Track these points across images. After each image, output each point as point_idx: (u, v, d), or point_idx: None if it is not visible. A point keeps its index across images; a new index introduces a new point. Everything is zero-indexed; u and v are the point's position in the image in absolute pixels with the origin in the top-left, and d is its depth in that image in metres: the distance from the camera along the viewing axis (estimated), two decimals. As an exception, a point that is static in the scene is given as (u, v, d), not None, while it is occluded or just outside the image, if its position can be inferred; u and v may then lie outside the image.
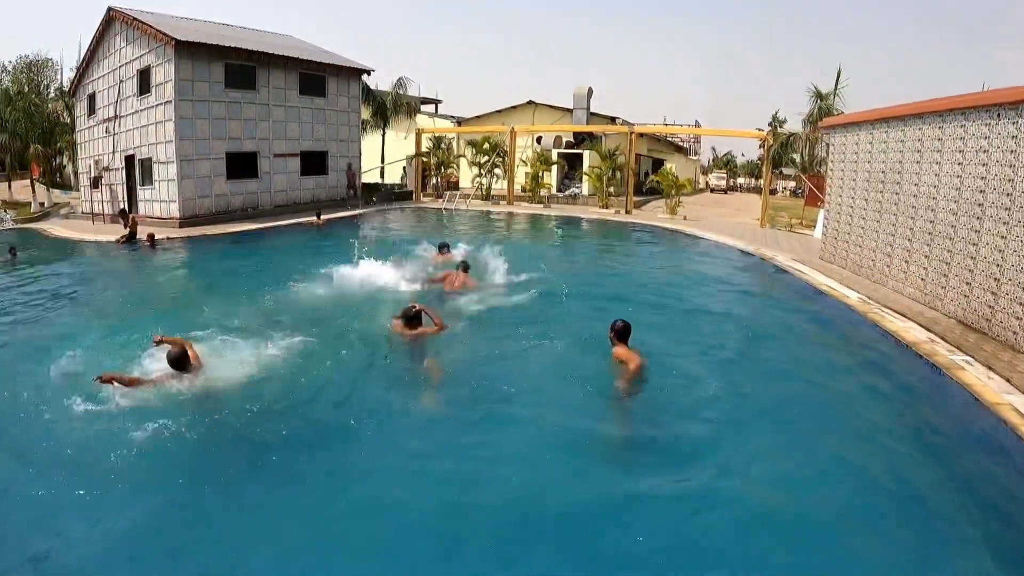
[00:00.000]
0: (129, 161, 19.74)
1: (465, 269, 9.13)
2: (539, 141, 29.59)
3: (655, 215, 21.44)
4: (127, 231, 15.30)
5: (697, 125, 46.03)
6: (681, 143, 46.70)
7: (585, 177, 26.75)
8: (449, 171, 28.39)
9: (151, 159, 18.55)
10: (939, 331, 7.47)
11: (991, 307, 7.38)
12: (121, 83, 19.64)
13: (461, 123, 33.45)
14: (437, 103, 38.85)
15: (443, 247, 11.31)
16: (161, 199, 18.42)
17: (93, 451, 4.48)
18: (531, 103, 30.95)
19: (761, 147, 53.76)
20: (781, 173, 44.15)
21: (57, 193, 29.13)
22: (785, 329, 8.07)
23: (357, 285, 9.45)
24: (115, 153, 20.30)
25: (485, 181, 25.97)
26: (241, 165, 19.42)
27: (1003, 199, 7.30)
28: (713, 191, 48.55)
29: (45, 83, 33.25)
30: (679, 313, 8.47)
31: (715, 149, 70.97)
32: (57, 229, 18.73)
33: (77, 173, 26.65)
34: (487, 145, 25.35)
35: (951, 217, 8.30)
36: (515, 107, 31.13)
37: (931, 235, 8.73)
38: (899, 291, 9.44)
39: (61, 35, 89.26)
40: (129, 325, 7.66)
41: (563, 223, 19.50)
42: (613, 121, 30.44)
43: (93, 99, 21.68)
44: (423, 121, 31.21)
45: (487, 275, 9.60)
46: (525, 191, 25.65)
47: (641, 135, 24.03)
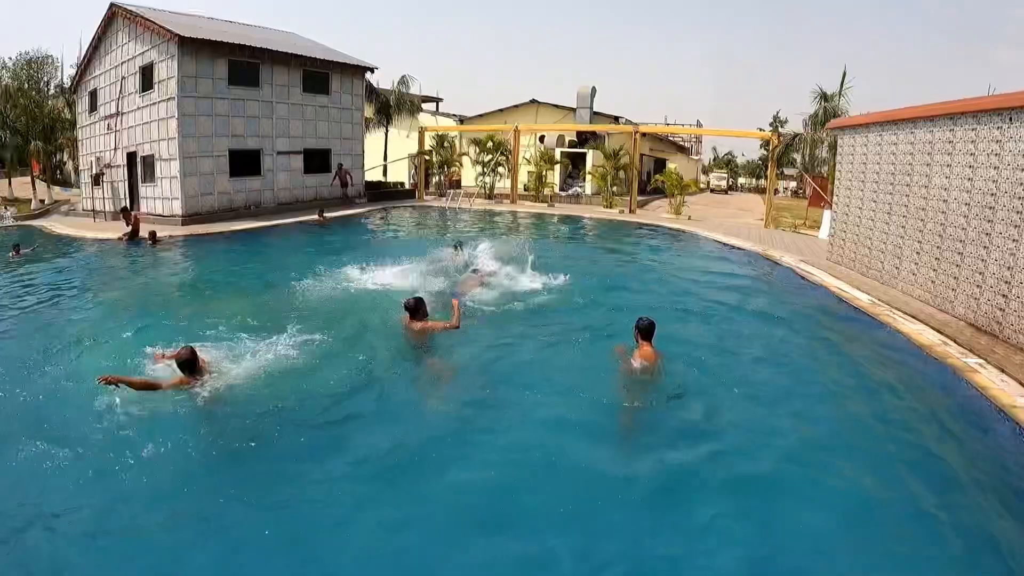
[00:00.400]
0: (131, 158, 19.64)
1: (458, 249, 9.83)
2: (542, 140, 29.56)
3: (659, 215, 21.42)
4: (129, 229, 15.22)
5: (698, 125, 46.00)
6: (683, 143, 46.67)
7: (589, 176, 26.72)
8: (452, 170, 28.33)
9: (153, 156, 18.47)
10: (950, 333, 7.47)
11: (1002, 310, 7.38)
12: (123, 80, 19.54)
13: (463, 121, 33.40)
14: (438, 101, 38.78)
15: (458, 246, 11.43)
16: (163, 196, 18.34)
17: (99, 452, 4.44)
18: (534, 102, 30.93)
19: (762, 147, 53.84)
20: (782, 173, 44.22)
21: (57, 190, 29.05)
22: (798, 330, 8.06)
23: (364, 283, 9.45)
24: (117, 150, 20.21)
25: (488, 180, 25.93)
26: (244, 163, 19.34)
27: (1015, 202, 7.29)
28: (713, 191, 47.87)
29: (45, 80, 33.11)
30: (694, 314, 8.44)
31: (716, 149, 71.06)
32: (58, 226, 18.63)
33: (78, 170, 26.56)
34: (491, 144, 25.30)
35: (962, 220, 8.29)
36: (518, 106, 31.12)
37: (941, 237, 8.72)
38: (908, 293, 9.43)
39: (61, 32, 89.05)
40: (132, 324, 7.61)
41: (569, 222, 19.47)
42: (616, 120, 30.44)
43: (95, 96, 21.58)
44: (425, 119, 31.14)
45: (500, 274, 9.63)
46: (528, 190, 25.63)
47: (643, 135, 23.98)
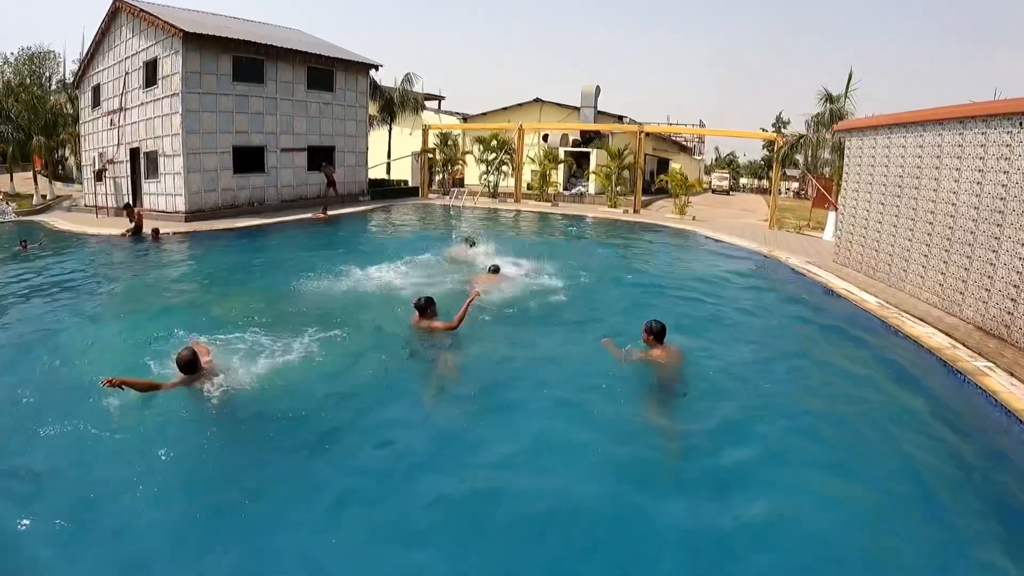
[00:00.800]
0: (134, 154, 19.61)
1: (495, 271, 9.21)
2: (545, 139, 29.54)
3: (663, 215, 21.41)
4: (132, 225, 15.20)
5: (701, 125, 45.98)
6: (685, 143, 46.64)
7: (593, 176, 26.70)
8: (456, 168, 28.30)
9: (157, 152, 18.43)
10: (959, 337, 7.47)
11: (1010, 313, 7.38)
12: (127, 75, 19.50)
13: (467, 120, 33.36)
14: (440, 99, 38.75)
15: (469, 242, 11.57)
16: (166, 193, 18.31)
17: (103, 454, 4.41)
18: (538, 101, 30.91)
19: (765, 148, 53.81)
20: (784, 174, 44.14)
21: (59, 186, 28.97)
22: (807, 332, 8.08)
23: (368, 281, 9.45)
24: (120, 146, 20.17)
25: (492, 179, 25.91)
26: (248, 159, 19.32)
27: (1025, 206, 7.29)
28: (715, 191, 47.00)
29: (47, 75, 33.01)
30: (703, 315, 8.45)
31: (718, 149, 71.13)
32: (60, 222, 18.57)
33: (80, 166, 26.50)
34: (495, 142, 25.28)
35: (970, 224, 8.28)
36: (521, 104, 31.09)
37: (950, 241, 8.72)
38: (916, 296, 9.43)
39: (64, 27, 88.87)
40: (134, 321, 7.60)
41: (573, 222, 19.47)
42: (620, 120, 30.42)
43: (98, 91, 21.52)
44: (428, 117, 31.10)
45: (519, 278, 9.66)
46: (532, 189, 25.60)
47: (647, 134, 23.97)
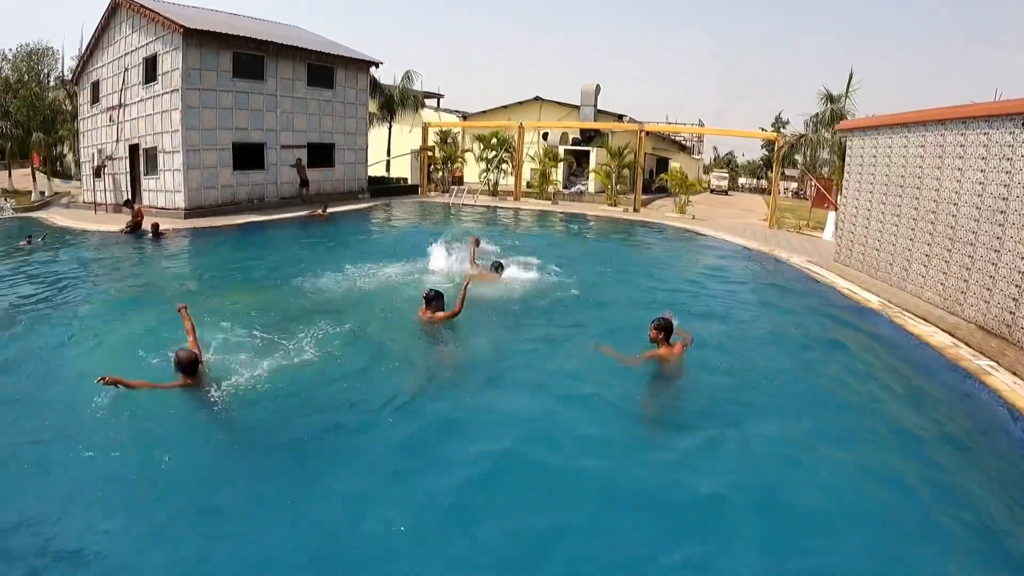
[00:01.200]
0: (133, 150, 19.53)
1: (497, 269, 9.32)
2: (545, 137, 29.54)
3: (663, 214, 21.44)
4: (132, 221, 15.15)
5: (700, 124, 46.01)
6: (684, 142, 46.65)
7: (593, 174, 26.71)
8: (455, 166, 28.28)
9: (156, 148, 18.35)
10: (961, 336, 7.50)
11: (1012, 313, 7.40)
12: (126, 71, 19.40)
13: (466, 117, 33.33)
14: (439, 97, 38.67)
15: (475, 240, 11.50)
16: (166, 189, 18.23)
17: (99, 451, 4.38)
18: (538, 99, 30.90)
19: (764, 148, 53.85)
20: (783, 174, 44.15)
21: (57, 182, 28.85)
22: (811, 330, 8.10)
23: (368, 278, 9.47)
24: (119, 142, 20.08)
25: (492, 177, 25.89)
26: (248, 156, 19.25)
27: (1027, 206, 7.31)
28: (714, 191, 45.67)
29: (46, 71, 32.87)
30: (707, 313, 8.48)
31: (716, 149, 71.24)
32: (58, 218, 18.50)
33: (79, 162, 26.39)
34: (495, 140, 25.26)
35: (972, 223, 8.31)
36: (522, 103, 31.09)
37: (951, 241, 8.75)
38: (917, 295, 9.46)
39: (63, 23, 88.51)
40: (133, 317, 7.57)
41: (573, 220, 19.48)
42: (620, 119, 30.42)
43: (97, 87, 21.41)
44: (428, 115, 31.07)
45: (513, 271, 9.71)
46: (532, 187, 25.60)
47: (647, 134, 23.99)
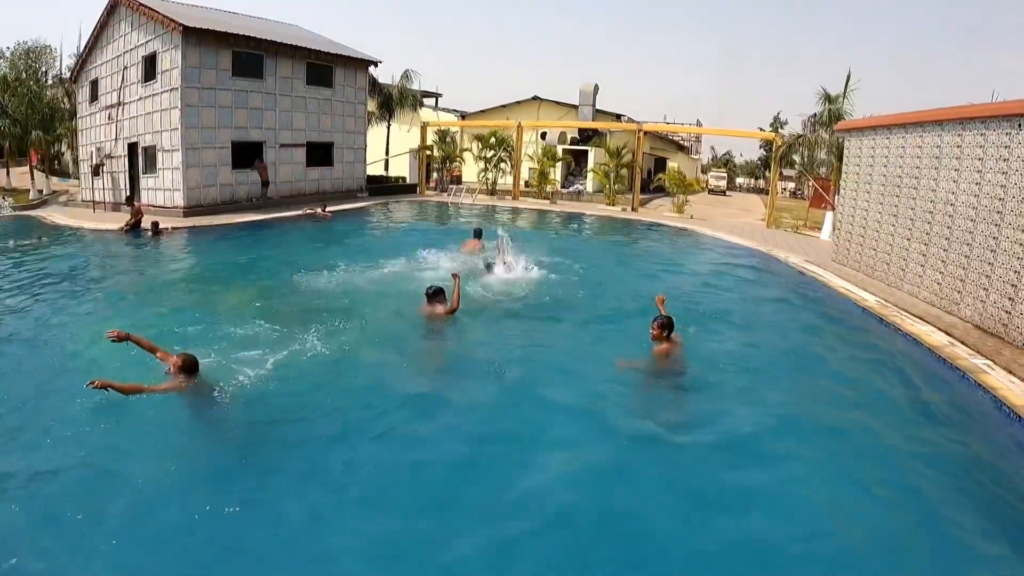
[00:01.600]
0: (132, 149, 19.51)
1: (478, 236, 11.52)
2: (544, 137, 29.58)
3: (662, 213, 21.50)
4: (131, 219, 15.14)
5: (698, 124, 46.09)
6: (682, 142, 46.71)
7: (591, 174, 26.76)
8: (454, 165, 28.31)
9: (155, 147, 18.34)
10: (957, 335, 7.56)
11: (1008, 312, 7.48)
12: (125, 69, 19.38)
13: (464, 117, 33.34)
14: (437, 96, 38.66)
15: (478, 234, 12.07)
16: (165, 188, 18.22)
17: (95, 452, 4.37)
18: (536, 99, 30.95)
19: (762, 148, 53.92)
20: (781, 174, 44.21)
21: (55, 180, 28.79)
22: (808, 329, 8.17)
23: (367, 275, 9.54)
24: (117, 140, 20.06)
25: (491, 176, 25.92)
26: (247, 155, 19.25)
27: (1022, 207, 7.38)
28: (712, 192, 44.78)
29: (44, 70, 32.77)
30: (705, 312, 8.52)
31: (714, 149, 71.37)
32: (57, 217, 18.47)
33: (77, 160, 26.34)
34: (493, 140, 25.30)
35: (969, 224, 8.38)
36: (520, 102, 31.14)
37: (948, 240, 8.82)
38: (914, 295, 9.53)
39: (61, 21, 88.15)
40: (134, 316, 7.58)
41: (571, 219, 19.53)
42: (618, 118, 30.48)
43: (95, 85, 21.38)
44: (427, 115, 31.09)
45: (517, 270, 9.80)
46: (530, 187, 25.64)
47: (645, 133, 24.06)
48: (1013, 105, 7.86)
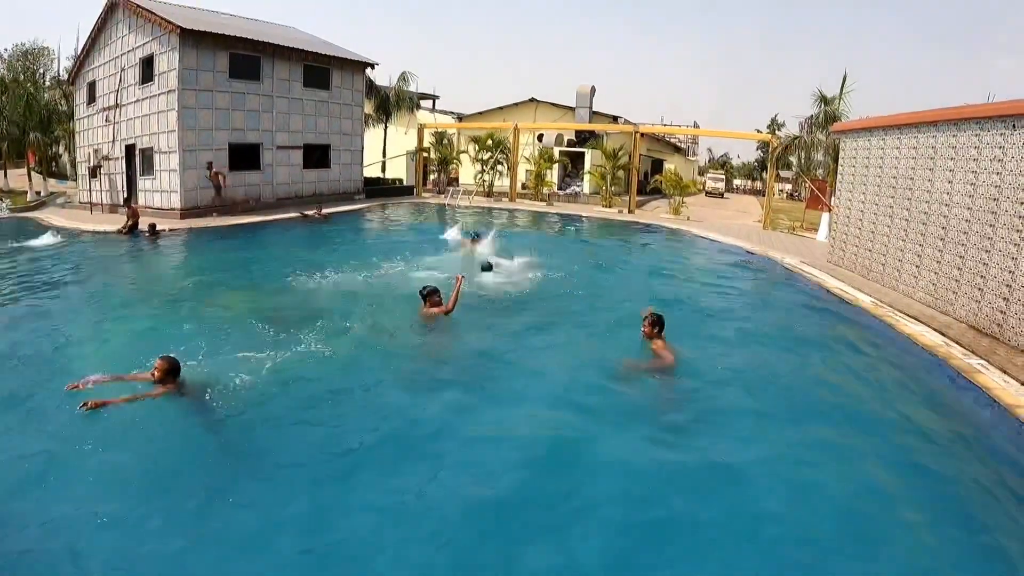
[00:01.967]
0: (129, 150, 19.50)
1: (475, 237, 11.82)
2: (540, 139, 29.62)
3: (658, 215, 21.54)
4: (128, 221, 15.13)
5: (695, 126, 46.19)
6: (679, 143, 46.79)
7: (588, 176, 26.80)
8: (451, 167, 28.32)
9: (152, 149, 18.33)
10: (952, 335, 7.58)
11: (1003, 312, 7.50)
12: (123, 71, 19.39)
13: (462, 119, 33.38)
14: (435, 99, 38.71)
15: (475, 236, 12.20)
16: (162, 189, 18.21)
17: (88, 454, 4.32)
18: (533, 100, 30.99)
19: (759, 149, 54.05)
20: (778, 176, 44.29)
21: (53, 182, 28.76)
22: (802, 330, 8.18)
23: (363, 277, 9.56)
24: (115, 142, 20.04)
25: (487, 178, 25.94)
26: (244, 157, 19.25)
27: (1017, 207, 7.41)
28: (709, 194, 43.86)
29: (42, 71, 32.78)
30: (698, 312, 8.56)
31: (711, 150, 71.55)
32: (55, 218, 18.46)
33: (74, 162, 26.31)
34: (490, 142, 25.32)
35: (963, 224, 8.41)
36: (517, 104, 31.16)
37: (943, 241, 8.84)
38: (909, 295, 9.55)
39: (59, 23, 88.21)
40: (129, 317, 7.59)
41: (570, 221, 19.56)
42: (615, 120, 30.53)
43: (93, 87, 21.37)
44: (424, 117, 31.11)
45: (509, 267, 9.92)
46: (527, 189, 25.67)
47: (642, 135, 24.10)
48: (1007, 106, 7.89)
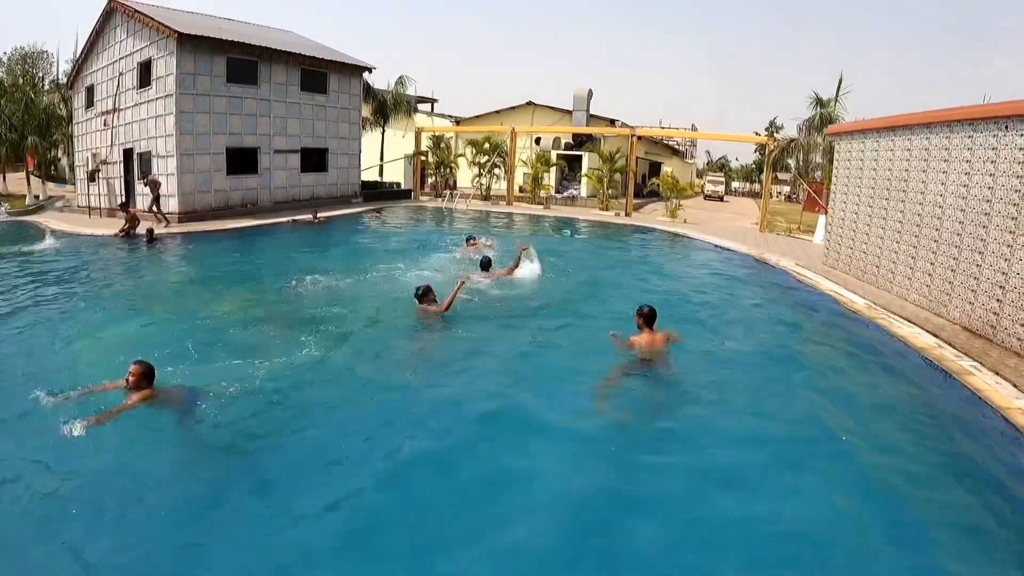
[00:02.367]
0: (127, 155, 19.54)
1: (473, 240, 11.93)
2: (538, 142, 29.68)
3: (655, 218, 21.55)
4: (126, 225, 15.15)
5: (693, 129, 46.28)
6: (677, 146, 46.87)
7: (585, 179, 26.83)
8: (449, 170, 28.37)
9: (150, 153, 18.37)
10: (945, 337, 7.58)
11: (996, 314, 7.50)
12: (121, 75, 19.44)
13: (459, 122, 33.44)
14: (433, 102, 38.82)
15: (471, 239, 12.36)
16: (159, 193, 18.22)
17: (81, 456, 4.31)
18: (530, 104, 31.04)
19: (757, 152, 54.14)
20: (776, 178, 44.37)
21: (52, 186, 28.78)
22: (794, 333, 8.19)
23: (361, 281, 9.55)
24: (113, 146, 20.08)
25: (485, 181, 25.99)
26: (241, 161, 19.29)
27: (1009, 208, 7.42)
28: (708, 198, 42.65)
29: (40, 75, 32.86)
30: (689, 315, 8.55)
31: (709, 153, 71.68)
32: (53, 222, 18.46)
33: (73, 166, 26.35)
34: (487, 145, 25.37)
35: (957, 225, 8.42)
36: (514, 108, 31.22)
37: (936, 242, 8.85)
38: (904, 297, 9.56)
39: (58, 27, 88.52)
40: (126, 321, 7.57)
41: (567, 224, 19.58)
42: (612, 123, 30.57)
43: (91, 91, 21.43)
44: (421, 120, 31.17)
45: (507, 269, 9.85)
46: (524, 192, 25.70)
47: (639, 138, 24.15)
48: (1000, 107, 7.91)
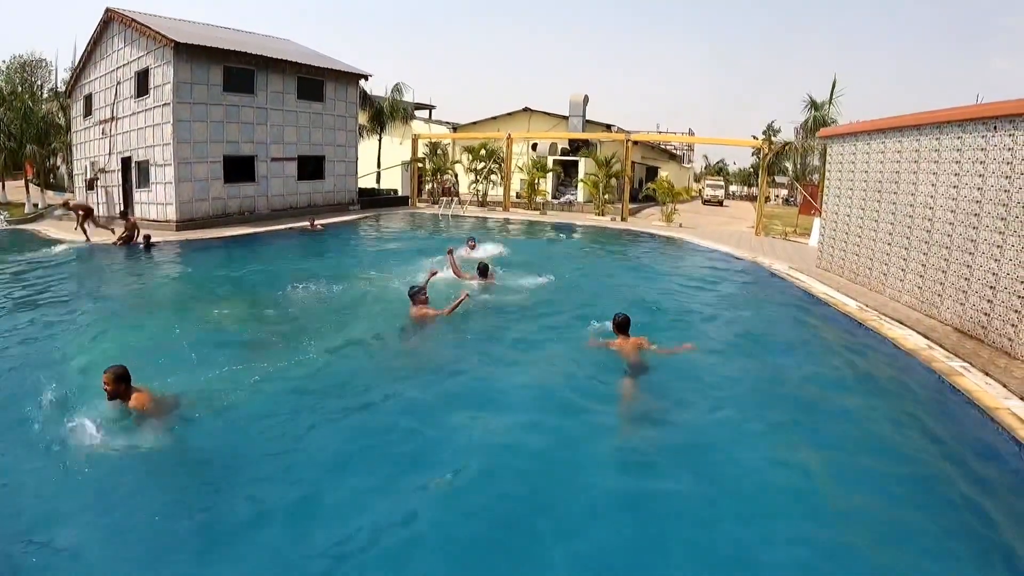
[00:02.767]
0: (125, 163, 19.62)
1: (472, 242, 12.10)
2: (534, 148, 29.79)
3: (651, 222, 21.62)
4: (124, 233, 15.21)
5: (690, 133, 46.43)
6: (674, 151, 47.01)
7: (581, 184, 26.92)
8: (445, 177, 28.45)
9: (148, 161, 18.45)
10: (936, 338, 7.61)
11: (987, 314, 7.54)
12: (118, 84, 19.55)
13: (456, 129, 33.57)
14: (431, 108, 38.94)
15: (470, 241, 12.55)
16: (157, 202, 18.31)
17: (75, 473, 4.25)
18: (527, 110, 31.17)
19: (754, 155, 54.20)
20: (773, 181, 44.46)
21: (51, 194, 28.82)
22: (785, 336, 8.20)
23: (359, 288, 9.57)
24: (111, 155, 20.18)
25: (481, 187, 26.06)
26: (238, 169, 19.37)
27: (999, 209, 7.47)
28: (707, 202, 42.00)
29: (39, 83, 33.00)
30: (680, 319, 8.59)
31: (707, 157, 71.90)
32: (52, 230, 18.52)
33: (71, 175, 26.43)
34: (484, 151, 25.46)
35: (947, 227, 8.47)
36: (511, 114, 31.34)
37: (928, 244, 8.90)
38: (896, 299, 9.59)
39: (56, 36, 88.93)
40: (124, 329, 7.58)
41: (562, 229, 19.64)
42: (609, 128, 30.68)
43: (89, 100, 21.55)
44: (418, 127, 31.28)
45: (499, 276, 9.98)
46: (521, 198, 25.78)
47: (635, 143, 24.25)
48: (988, 108, 7.96)
